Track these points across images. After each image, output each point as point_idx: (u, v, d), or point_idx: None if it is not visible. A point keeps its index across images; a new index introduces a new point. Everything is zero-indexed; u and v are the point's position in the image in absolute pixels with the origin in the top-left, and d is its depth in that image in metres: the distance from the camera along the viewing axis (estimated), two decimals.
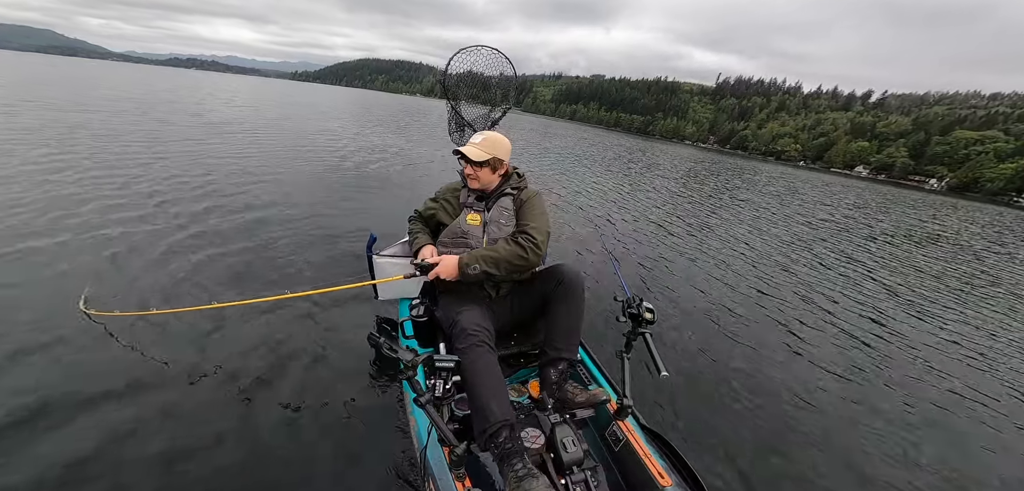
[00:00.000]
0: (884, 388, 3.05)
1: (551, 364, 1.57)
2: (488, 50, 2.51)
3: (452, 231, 1.77)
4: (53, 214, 3.68)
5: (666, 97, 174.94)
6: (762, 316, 3.98)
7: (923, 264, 7.80)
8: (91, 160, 5.71)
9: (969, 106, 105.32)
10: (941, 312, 5.03)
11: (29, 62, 51.74)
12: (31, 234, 3.24)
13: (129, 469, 1.57)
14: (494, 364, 1.43)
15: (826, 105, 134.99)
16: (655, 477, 1.36)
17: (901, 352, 3.74)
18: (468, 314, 1.51)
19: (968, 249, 10.49)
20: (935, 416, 2.80)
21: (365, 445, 1.77)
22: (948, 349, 3.96)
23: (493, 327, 1.56)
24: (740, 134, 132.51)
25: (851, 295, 5.14)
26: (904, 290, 5.76)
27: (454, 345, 1.47)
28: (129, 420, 1.75)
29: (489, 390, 1.35)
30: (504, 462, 1.27)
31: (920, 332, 4.29)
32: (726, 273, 5.11)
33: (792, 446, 2.26)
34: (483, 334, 1.46)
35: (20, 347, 2.04)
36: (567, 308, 1.61)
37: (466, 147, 1.76)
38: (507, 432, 1.31)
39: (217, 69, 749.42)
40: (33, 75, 24.02)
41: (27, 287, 2.57)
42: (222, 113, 14.79)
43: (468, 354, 1.40)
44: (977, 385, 3.31)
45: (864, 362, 3.40)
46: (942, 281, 6.63)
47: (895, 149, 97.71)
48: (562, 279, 1.63)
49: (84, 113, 10.25)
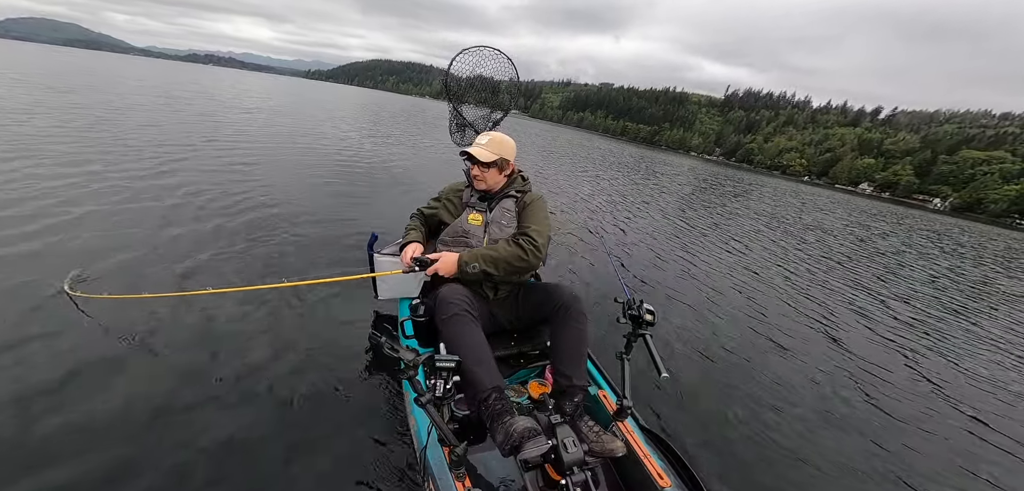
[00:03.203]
0: (883, 393, 3.03)
1: (565, 395, 1.50)
2: (490, 51, 2.53)
3: (453, 230, 1.79)
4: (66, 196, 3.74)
5: (674, 107, 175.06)
6: (762, 319, 3.98)
7: (918, 274, 7.74)
8: (127, 149, 5.80)
9: (979, 125, 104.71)
10: (946, 326, 5.00)
11: (63, 56, 52.17)
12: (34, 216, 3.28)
13: (118, 461, 1.53)
14: (478, 332, 1.46)
15: (835, 120, 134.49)
16: (655, 478, 1.35)
17: (902, 360, 3.72)
18: (450, 286, 1.55)
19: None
20: (941, 419, 2.80)
21: (365, 445, 1.76)
22: (956, 360, 3.94)
23: (478, 304, 1.59)
24: (746, 147, 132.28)
25: (851, 302, 5.11)
26: (906, 304, 5.72)
27: (437, 317, 1.50)
28: (115, 410, 1.72)
29: (475, 358, 1.39)
30: (494, 420, 1.32)
31: (926, 346, 4.25)
32: (727, 277, 5.11)
33: (792, 447, 2.25)
34: (464, 303, 1.49)
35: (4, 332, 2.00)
36: (570, 334, 1.56)
37: (473, 148, 1.78)
38: (496, 394, 1.37)
39: (233, 65, 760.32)
40: (75, 67, 24.26)
41: (10, 269, 2.54)
42: (241, 105, 15.00)
43: (450, 324, 1.44)
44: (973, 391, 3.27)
45: (864, 367, 3.39)
46: (943, 293, 6.59)
47: (900, 167, 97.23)
48: (561, 303, 1.59)
49: (132, 107, 10.44)
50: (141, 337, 2.14)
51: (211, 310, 2.41)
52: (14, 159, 4.71)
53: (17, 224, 3.12)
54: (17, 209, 3.40)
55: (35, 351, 1.95)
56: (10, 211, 3.33)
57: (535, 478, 1.42)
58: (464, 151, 1.82)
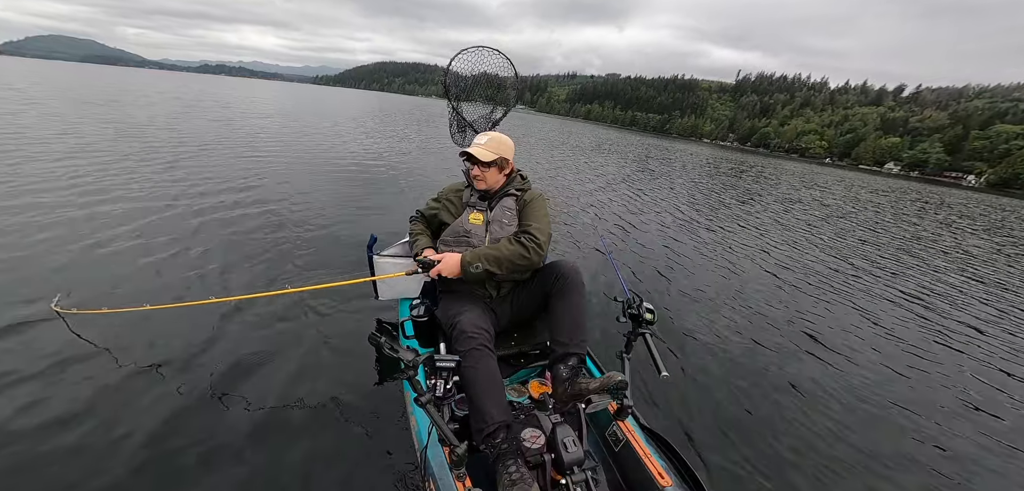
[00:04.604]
0: (890, 391, 2.92)
1: (561, 361, 1.52)
2: (489, 51, 2.52)
3: (454, 230, 1.79)
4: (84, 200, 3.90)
5: (683, 95, 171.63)
6: (763, 317, 3.87)
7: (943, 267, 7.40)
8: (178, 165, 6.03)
9: (1011, 99, 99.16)
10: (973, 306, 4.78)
11: (87, 72, 53.78)
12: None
13: (120, 465, 1.55)
14: (493, 366, 1.45)
15: (855, 100, 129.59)
16: (655, 477, 1.34)
17: (912, 357, 3.57)
18: (468, 315, 1.53)
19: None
20: (954, 419, 2.67)
21: (365, 445, 1.77)
22: (970, 349, 3.76)
23: (493, 328, 1.57)
24: (761, 131, 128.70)
25: (861, 297, 4.93)
26: (918, 298, 5.49)
27: (453, 346, 1.49)
28: (115, 419, 1.73)
29: (487, 393, 1.38)
30: (499, 461, 1.31)
31: (938, 341, 4.08)
32: (727, 275, 4.98)
33: (792, 447, 2.20)
34: (482, 336, 1.47)
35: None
36: (568, 303, 1.59)
37: (473, 148, 1.77)
38: (503, 433, 1.35)
39: (243, 74, 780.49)
40: (110, 83, 25.31)
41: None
42: (256, 112, 15.39)
43: (468, 357, 1.43)
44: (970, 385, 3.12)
45: (869, 365, 3.27)
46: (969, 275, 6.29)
47: (929, 144, 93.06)
48: (559, 274, 1.62)
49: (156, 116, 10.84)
50: (143, 348, 2.15)
51: (212, 319, 2.43)
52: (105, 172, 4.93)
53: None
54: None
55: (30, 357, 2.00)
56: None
57: (535, 478, 1.43)
58: (464, 151, 1.82)
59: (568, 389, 1.48)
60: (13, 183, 4.51)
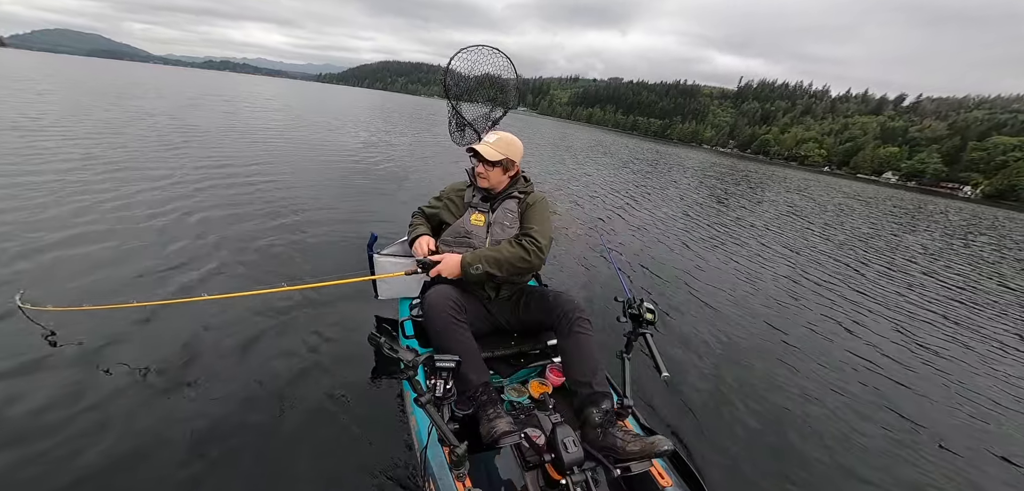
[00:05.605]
0: (891, 394, 2.93)
1: (590, 403, 1.43)
2: (489, 50, 2.51)
3: (455, 230, 1.79)
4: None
5: (685, 100, 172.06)
6: (763, 318, 3.88)
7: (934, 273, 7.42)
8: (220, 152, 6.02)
9: (1010, 110, 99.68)
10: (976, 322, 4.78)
11: (96, 66, 53.31)
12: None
13: (121, 468, 1.54)
14: (466, 333, 1.55)
15: (855, 109, 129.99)
16: (655, 477, 1.34)
17: (913, 357, 3.59)
18: (436, 289, 1.61)
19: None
20: (954, 419, 2.67)
21: (365, 445, 1.76)
22: (974, 361, 3.77)
23: (471, 312, 1.66)
24: (761, 138, 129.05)
25: (859, 299, 4.94)
26: (918, 298, 5.50)
27: (425, 320, 1.58)
28: (106, 420, 1.71)
29: (465, 361, 1.45)
30: (481, 410, 1.47)
31: (942, 348, 4.09)
32: (728, 275, 5.00)
33: (792, 448, 2.20)
34: (449, 306, 1.55)
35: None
36: (581, 341, 1.53)
37: (480, 146, 1.77)
38: (483, 388, 1.50)
39: (247, 71, 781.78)
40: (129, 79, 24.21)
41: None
42: (261, 108, 15.38)
43: (440, 331, 1.53)
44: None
45: (870, 367, 3.28)
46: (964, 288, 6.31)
47: (927, 155, 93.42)
48: (565, 311, 1.57)
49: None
50: (140, 345, 2.13)
51: (209, 317, 2.41)
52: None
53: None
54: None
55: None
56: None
57: (536, 478, 1.42)
58: (471, 148, 1.82)
59: (600, 438, 1.37)
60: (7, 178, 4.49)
